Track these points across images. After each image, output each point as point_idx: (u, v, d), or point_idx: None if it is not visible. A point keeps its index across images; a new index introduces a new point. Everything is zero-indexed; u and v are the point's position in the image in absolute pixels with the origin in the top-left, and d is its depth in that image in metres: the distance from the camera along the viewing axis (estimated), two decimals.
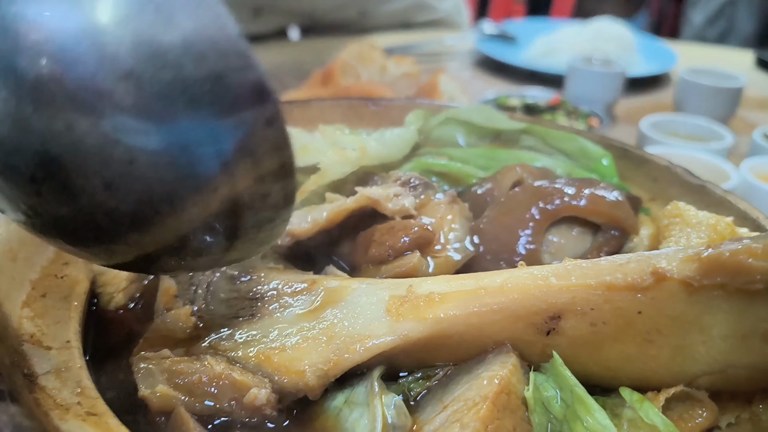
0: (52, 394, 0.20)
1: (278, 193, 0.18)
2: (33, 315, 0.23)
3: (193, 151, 0.17)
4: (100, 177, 0.17)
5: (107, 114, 0.17)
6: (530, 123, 0.39)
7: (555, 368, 0.20)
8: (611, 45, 0.95)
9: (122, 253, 0.19)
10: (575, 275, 0.21)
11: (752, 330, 0.19)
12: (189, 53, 0.17)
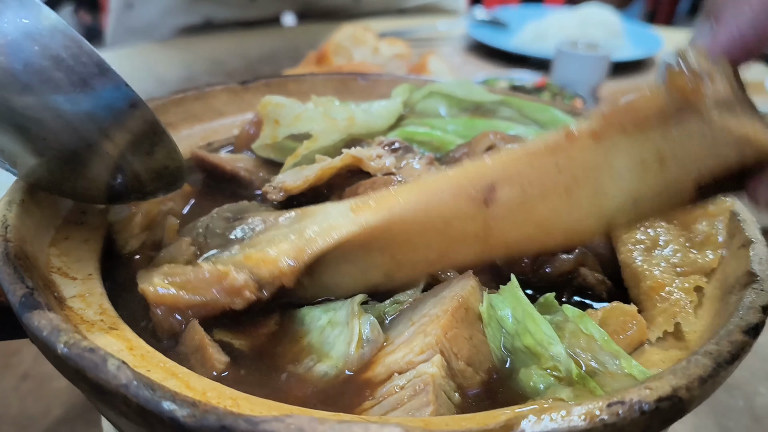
0: (79, 313, 0.23)
1: (139, 121, 0.25)
2: (59, 253, 0.27)
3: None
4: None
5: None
6: (506, 95, 0.42)
7: (510, 290, 0.24)
8: (598, 30, 0.98)
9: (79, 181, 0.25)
10: (504, 153, 0.24)
11: (649, 156, 0.22)
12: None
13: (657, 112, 0.22)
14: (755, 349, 0.46)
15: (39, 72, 0.24)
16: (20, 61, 0.24)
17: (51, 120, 0.24)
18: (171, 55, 0.95)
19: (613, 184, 0.23)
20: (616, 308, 0.23)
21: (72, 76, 0.24)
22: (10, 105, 0.24)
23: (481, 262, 0.26)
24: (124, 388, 0.18)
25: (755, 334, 0.21)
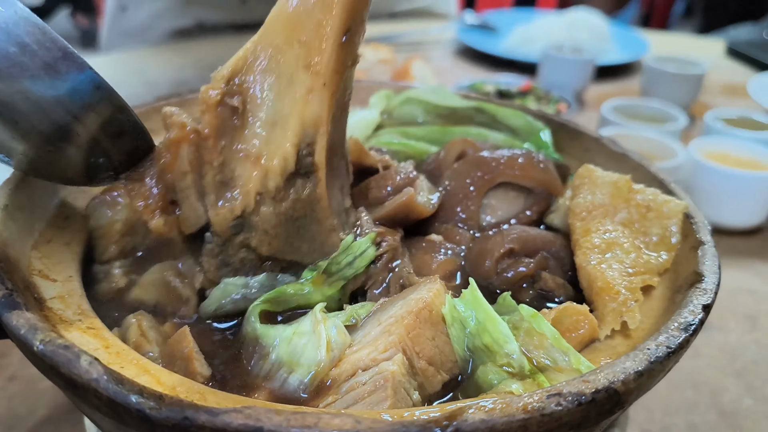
0: (58, 313, 0.24)
1: (105, 102, 0.28)
2: (41, 256, 0.28)
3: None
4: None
5: None
6: (481, 102, 0.43)
7: (472, 293, 0.25)
8: (585, 34, 0.99)
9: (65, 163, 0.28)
10: None
11: None
12: None
13: None
14: (723, 347, 0.47)
15: (6, 57, 0.26)
16: (20, 69, 0.26)
17: (22, 104, 0.26)
18: (163, 59, 0.96)
19: None
20: (569, 308, 0.25)
21: (37, 61, 0.26)
22: None
23: None
24: (95, 383, 0.19)
25: (694, 331, 0.22)
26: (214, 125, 0.27)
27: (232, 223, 0.26)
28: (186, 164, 0.27)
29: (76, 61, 0.27)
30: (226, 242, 0.27)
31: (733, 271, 0.55)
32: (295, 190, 0.27)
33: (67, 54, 0.27)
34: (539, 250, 0.29)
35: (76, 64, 0.27)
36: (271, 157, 0.26)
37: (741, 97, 0.87)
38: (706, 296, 0.24)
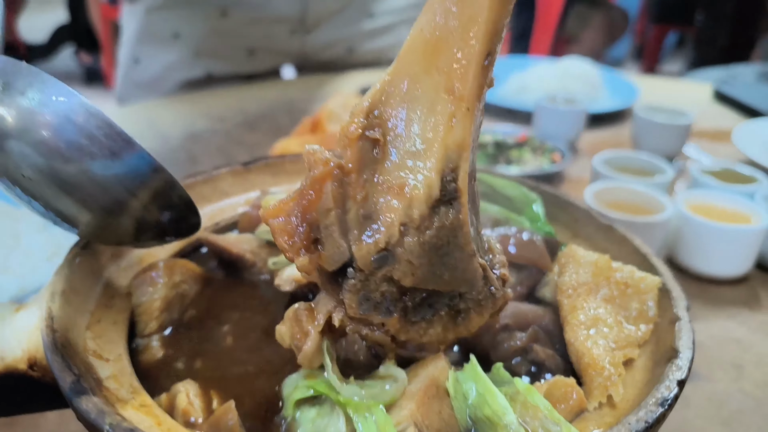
0: (114, 393, 0.28)
1: (160, 181, 0.34)
2: (93, 336, 0.31)
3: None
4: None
5: None
6: (481, 173, 0.47)
7: (472, 368, 0.28)
8: (578, 83, 1.04)
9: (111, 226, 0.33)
10: None
11: None
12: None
13: None
14: (711, 396, 0.50)
15: (78, 148, 0.31)
16: (63, 140, 0.31)
17: (89, 184, 0.32)
18: (174, 111, 1.00)
19: None
20: (558, 381, 0.28)
21: (104, 150, 0.32)
22: (57, 173, 0.31)
23: None
24: None
25: (669, 405, 0.26)
26: (357, 159, 0.27)
27: (376, 257, 0.26)
28: (330, 201, 0.27)
29: (135, 147, 0.33)
30: (369, 276, 0.27)
31: (720, 321, 0.58)
32: (439, 218, 0.26)
33: (128, 142, 0.33)
34: (530, 324, 0.32)
35: (136, 151, 0.33)
36: (415, 186, 0.26)
37: (728, 142, 0.91)
38: (681, 372, 0.27)
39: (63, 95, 0.32)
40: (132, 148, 0.33)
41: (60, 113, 0.31)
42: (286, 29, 1.14)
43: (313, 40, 1.18)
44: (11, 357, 0.30)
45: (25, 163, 0.31)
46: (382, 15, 1.20)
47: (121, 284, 0.36)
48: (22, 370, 0.30)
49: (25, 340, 0.30)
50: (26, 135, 0.30)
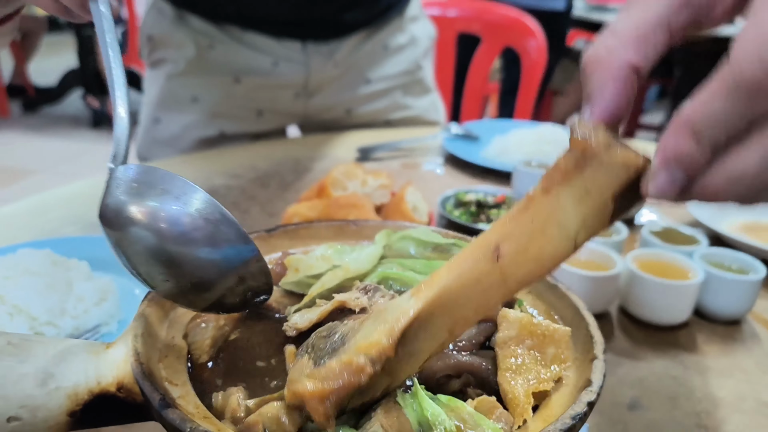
0: (184, 408, 0.38)
1: (257, 263, 0.43)
2: (164, 367, 0.42)
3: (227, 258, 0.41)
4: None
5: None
6: (456, 240, 0.59)
7: (416, 391, 0.38)
8: (552, 146, 1.18)
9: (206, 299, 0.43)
10: (496, 222, 0.36)
11: (579, 192, 0.33)
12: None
13: (572, 165, 0.34)
14: (648, 424, 0.60)
15: (191, 237, 0.41)
16: (179, 228, 0.40)
17: (195, 263, 0.41)
18: (193, 168, 1.13)
19: (566, 217, 0.34)
20: (483, 399, 0.38)
21: (223, 242, 0.41)
22: (164, 253, 0.40)
23: (506, 300, 0.38)
24: None
25: (580, 419, 0.37)
26: None
27: None
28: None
29: (247, 241, 0.41)
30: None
31: (661, 361, 0.69)
32: None
33: (243, 237, 0.41)
34: (465, 372, 0.43)
35: (247, 243, 0.42)
36: None
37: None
38: (591, 395, 0.38)
39: (187, 191, 0.40)
40: (241, 241, 0.41)
41: (181, 207, 0.40)
42: (290, 93, 1.28)
43: (315, 103, 1.32)
44: (105, 382, 0.40)
45: (140, 243, 0.40)
46: (378, 81, 1.34)
47: (178, 327, 0.47)
48: (112, 392, 0.40)
49: (115, 368, 0.41)
50: (148, 224, 0.40)
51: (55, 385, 0.40)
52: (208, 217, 0.40)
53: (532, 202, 0.35)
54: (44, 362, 0.40)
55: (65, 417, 0.40)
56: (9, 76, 4.47)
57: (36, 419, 0.40)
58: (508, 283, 0.35)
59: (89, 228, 0.92)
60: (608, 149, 0.32)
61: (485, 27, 2.02)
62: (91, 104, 4.13)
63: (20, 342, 0.41)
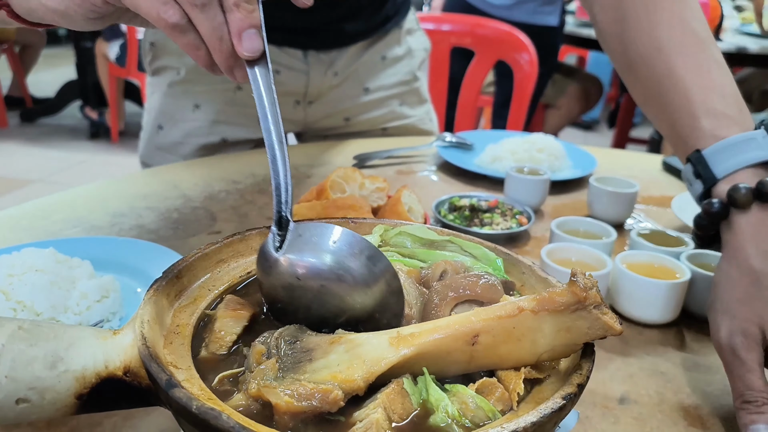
0: (189, 390, 0.40)
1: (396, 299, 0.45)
2: (168, 352, 0.44)
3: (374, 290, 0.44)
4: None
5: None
6: (451, 236, 0.61)
7: (425, 376, 0.41)
8: (543, 154, 1.20)
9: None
10: (483, 314, 0.41)
11: (561, 325, 0.40)
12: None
13: (565, 303, 0.41)
14: (637, 416, 0.62)
15: (339, 276, 0.44)
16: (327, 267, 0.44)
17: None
18: (194, 174, 1.14)
19: (542, 339, 0.42)
20: (485, 380, 0.41)
21: (360, 279, 0.44)
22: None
23: (467, 372, 0.43)
24: (233, 429, 0.34)
25: (571, 400, 0.39)
26: None
27: None
28: None
29: (389, 282, 0.45)
30: None
31: (650, 357, 0.71)
32: None
33: (386, 272, 0.45)
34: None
35: (389, 286, 0.45)
36: None
37: (668, 207, 1.06)
38: (581, 377, 0.40)
39: (337, 237, 0.44)
40: (386, 283, 0.44)
41: (332, 250, 0.44)
42: (290, 101, 1.30)
43: (314, 111, 1.34)
44: (112, 366, 0.42)
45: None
46: (376, 91, 1.36)
47: (183, 317, 0.48)
48: (119, 376, 0.42)
49: (122, 353, 0.42)
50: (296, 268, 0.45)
51: (64, 368, 0.41)
52: (358, 259, 0.44)
53: (521, 313, 0.42)
54: (54, 346, 0.42)
55: (73, 399, 0.42)
56: (8, 87, 4.49)
57: (44, 401, 0.41)
58: (470, 365, 0.43)
59: (91, 231, 0.93)
60: (597, 308, 0.41)
61: (478, 41, 2.06)
62: (89, 115, 4.15)
63: (31, 327, 0.42)
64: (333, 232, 0.45)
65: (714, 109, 0.66)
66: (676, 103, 0.69)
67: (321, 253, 0.44)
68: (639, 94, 0.78)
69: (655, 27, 0.73)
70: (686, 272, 0.75)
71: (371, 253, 0.45)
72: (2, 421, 0.41)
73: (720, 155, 0.61)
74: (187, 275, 0.52)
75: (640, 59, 0.75)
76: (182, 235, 0.92)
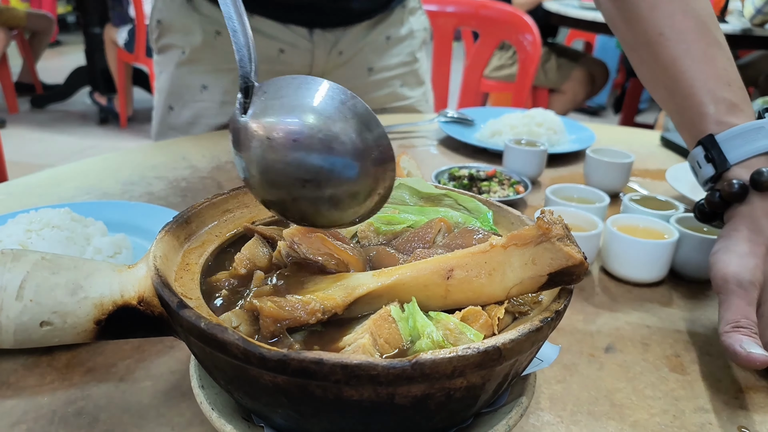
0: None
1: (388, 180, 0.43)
2: (179, 285, 0.47)
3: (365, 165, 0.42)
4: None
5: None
6: (447, 191, 0.64)
7: (413, 305, 0.44)
8: (542, 128, 1.23)
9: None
10: (459, 252, 0.44)
11: (528, 259, 0.42)
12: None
13: (531, 238, 0.43)
14: (621, 363, 0.65)
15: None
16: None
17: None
18: (202, 147, 1.18)
19: (510, 272, 0.44)
20: (470, 309, 0.43)
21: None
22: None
23: (443, 309, 0.45)
24: (237, 341, 0.38)
25: (547, 322, 0.42)
26: None
27: None
28: None
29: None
30: None
31: (637, 313, 0.74)
32: None
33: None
34: None
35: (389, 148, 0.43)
36: None
37: (664, 180, 1.09)
38: (559, 305, 0.44)
39: (315, 88, 0.39)
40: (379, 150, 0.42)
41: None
42: None
43: None
44: (128, 295, 0.46)
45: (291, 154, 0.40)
46: (379, 71, 1.38)
47: (192, 257, 0.52)
48: (134, 305, 0.46)
49: (137, 284, 0.46)
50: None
51: (84, 294, 0.45)
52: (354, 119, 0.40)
53: (492, 249, 0.45)
54: (74, 275, 0.45)
55: (92, 324, 0.46)
56: (17, 74, 4.54)
57: (66, 325, 0.45)
58: (447, 300, 0.45)
59: (102, 197, 0.97)
60: (560, 240, 0.43)
61: (482, 22, 2.07)
62: (98, 101, 4.20)
63: (53, 258, 0.46)
64: (308, 83, 0.39)
65: (722, 97, 0.69)
66: (683, 91, 0.72)
67: (296, 107, 0.39)
68: (645, 76, 0.80)
69: (655, 8, 0.74)
70: (675, 233, 0.78)
71: (359, 109, 0.40)
72: (27, 344, 0.45)
73: (733, 142, 0.66)
74: (195, 221, 0.55)
75: (643, 44, 0.77)
76: (190, 202, 0.95)
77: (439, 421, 0.43)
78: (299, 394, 0.39)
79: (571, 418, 0.57)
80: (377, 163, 0.42)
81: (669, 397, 0.60)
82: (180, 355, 0.62)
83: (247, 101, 0.40)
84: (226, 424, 0.45)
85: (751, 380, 0.63)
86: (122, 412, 0.54)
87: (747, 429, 0.56)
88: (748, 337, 0.56)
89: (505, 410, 0.48)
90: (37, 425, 0.53)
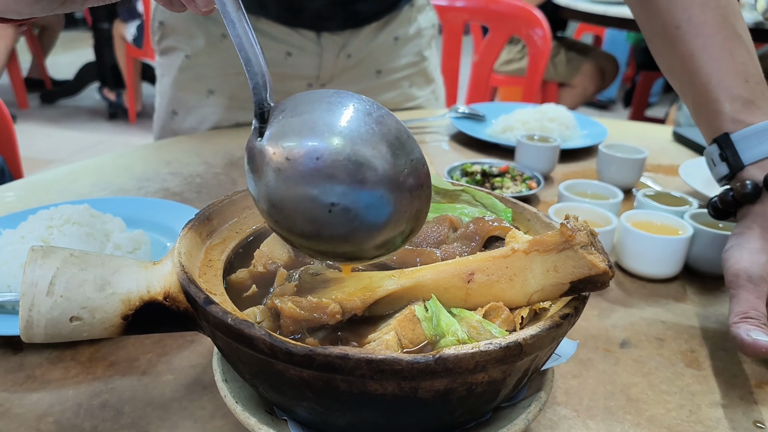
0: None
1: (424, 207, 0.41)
2: (203, 281, 0.48)
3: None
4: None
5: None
6: (464, 187, 0.64)
7: (435, 302, 0.45)
8: (554, 123, 1.23)
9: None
10: (480, 255, 0.44)
11: (550, 266, 0.42)
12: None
13: (554, 244, 0.43)
14: (636, 358, 0.66)
15: None
16: None
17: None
18: (215, 143, 1.19)
19: (532, 278, 0.44)
20: (492, 304, 0.44)
21: None
22: None
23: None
24: (264, 336, 0.39)
25: (567, 318, 0.42)
26: None
27: None
28: None
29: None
30: None
31: (652, 308, 0.75)
32: None
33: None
34: None
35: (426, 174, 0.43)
36: None
37: (677, 175, 1.09)
38: (578, 302, 0.44)
39: (339, 103, 0.37)
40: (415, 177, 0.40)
41: None
42: (303, 84, 1.29)
43: None
44: (154, 291, 0.46)
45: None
46: (388, 73, 1.35)
47: (214, 253, 0.53)
48: (160, 300, 0.47)
49: (163, 280, 0.47)
50: None
51: (112, 290, 0.46)
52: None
53: (514, 254, 0.44)
54: (102, 271, 0.46)
55: (119, 320, 0.46)
56: (27, 70, 4.57)
57: (94, 320, 0.46)
58: (467, 303, 0.45)
59: (119, 193, 0.98)
60: (584, 248, 0.42)
61: (492, 17, 2.07)
62: (107, 97, 4.22)
63: (81, 254, 0.47)
64: (332, 99, 0.35)
65: (738, 94, 0.67)
66: (699, 87, 0.72)
67: (316, 127, 0.35)
68: (664, 68, 0.80)
69: (672, 0, 0.72)
70: (689, 229, 0.78)
71: (392, 126, 0.35)
72: (57, 338, 0.46)
73: (748, 141, 0.66)
74: (216, 218, 0.56)
75: (661, 37, 0.76)
76: (206, 198, 0.96)
77: (460, 414, 0.44)
78: (324, 388, 0.40)
79: (588, 412, 0.57)
80: (413, 197, 0.38)
81: (685, 392, 0.60)
82: (200, 349, 0.63)
83: (263, 126, 0.39)
84: (249, 416, 0.46)
85: (766, 376, 0.63)
86: (146, 405, 0.55)
87: (762, 424, 0.57)
88: (756, 328, 0.57)
89: (524, 405, 0.49)
90: (63, 417, 0.54)
